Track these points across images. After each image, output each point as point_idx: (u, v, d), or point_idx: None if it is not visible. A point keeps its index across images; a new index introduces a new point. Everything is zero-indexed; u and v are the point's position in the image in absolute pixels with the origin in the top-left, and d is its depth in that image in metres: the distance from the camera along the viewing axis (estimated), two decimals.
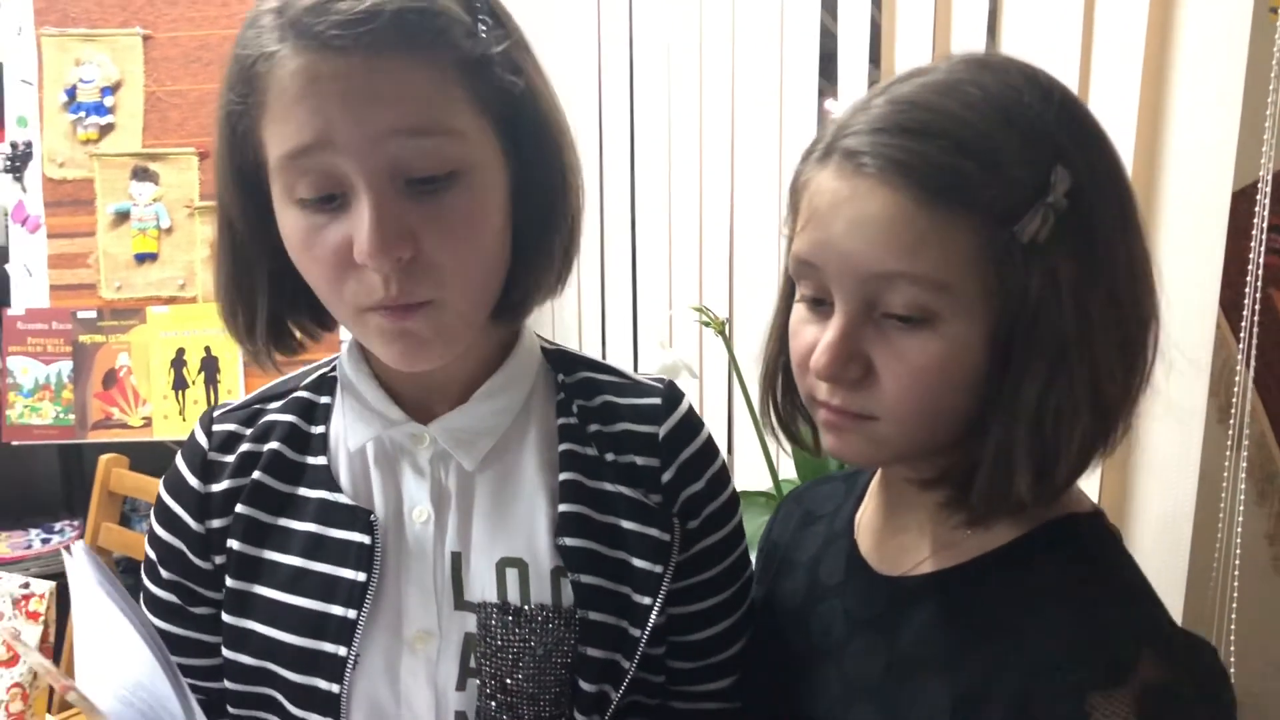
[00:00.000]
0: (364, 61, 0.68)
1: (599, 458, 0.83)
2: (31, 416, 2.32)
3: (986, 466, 0.72)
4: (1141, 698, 0.67)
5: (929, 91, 0.70)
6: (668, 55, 2.11)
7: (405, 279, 0.72)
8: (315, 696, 0.80)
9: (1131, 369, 0.73)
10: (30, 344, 2.32)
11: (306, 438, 0.85)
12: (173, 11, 2.31)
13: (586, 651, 0.80)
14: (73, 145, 2.32)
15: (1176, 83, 1.31)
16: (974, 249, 0.68)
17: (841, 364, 0.72)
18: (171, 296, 2.32)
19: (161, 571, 0.86)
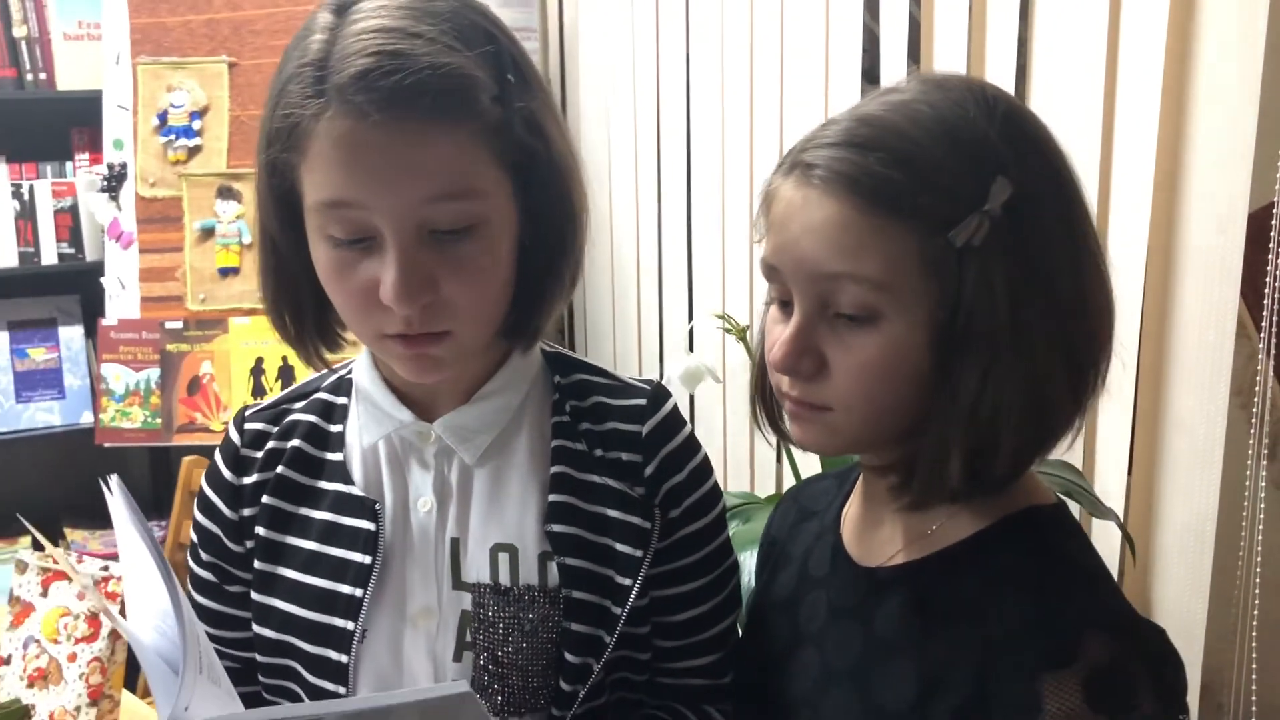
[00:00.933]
0: (401, 135, 0.75)
1: (588, 453, 0.90)
2: (122, 420, 2.47)
3: (924, 457, 0.77)
4: (1089, 677, 0.71)
5: (884, 109, 0.76)
6: (711, 68, 2.19)
7: (425, 315, 0.80)
8: (328, 666, 0.88)
9: (1077, 369, 0.77)
10: (122, 352, 2.48)
11: (326, 435, 0.93)
12: (256, 41, 2.45)
13: (571, 626, 0.86)
14: (163, 166, 2.48)
15: (1195, 105, 1.34)
16: (912, 253, 0.73)
17: (796, 358, 0.78)
18: (252, 308, 2.46)
19: (202, 554, 0.96)
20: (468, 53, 0.77)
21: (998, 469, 0.76)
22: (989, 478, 0.77)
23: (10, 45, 2.66)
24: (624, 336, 2.57)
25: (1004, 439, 0.75)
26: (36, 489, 2.93)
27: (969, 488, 0.77)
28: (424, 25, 0.77)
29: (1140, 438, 1.44)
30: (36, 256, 2.69)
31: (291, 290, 0.87)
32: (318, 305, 0.86)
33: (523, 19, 2.78)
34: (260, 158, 0.82)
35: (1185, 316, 1.38)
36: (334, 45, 0.77)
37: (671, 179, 2.37)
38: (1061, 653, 0.72)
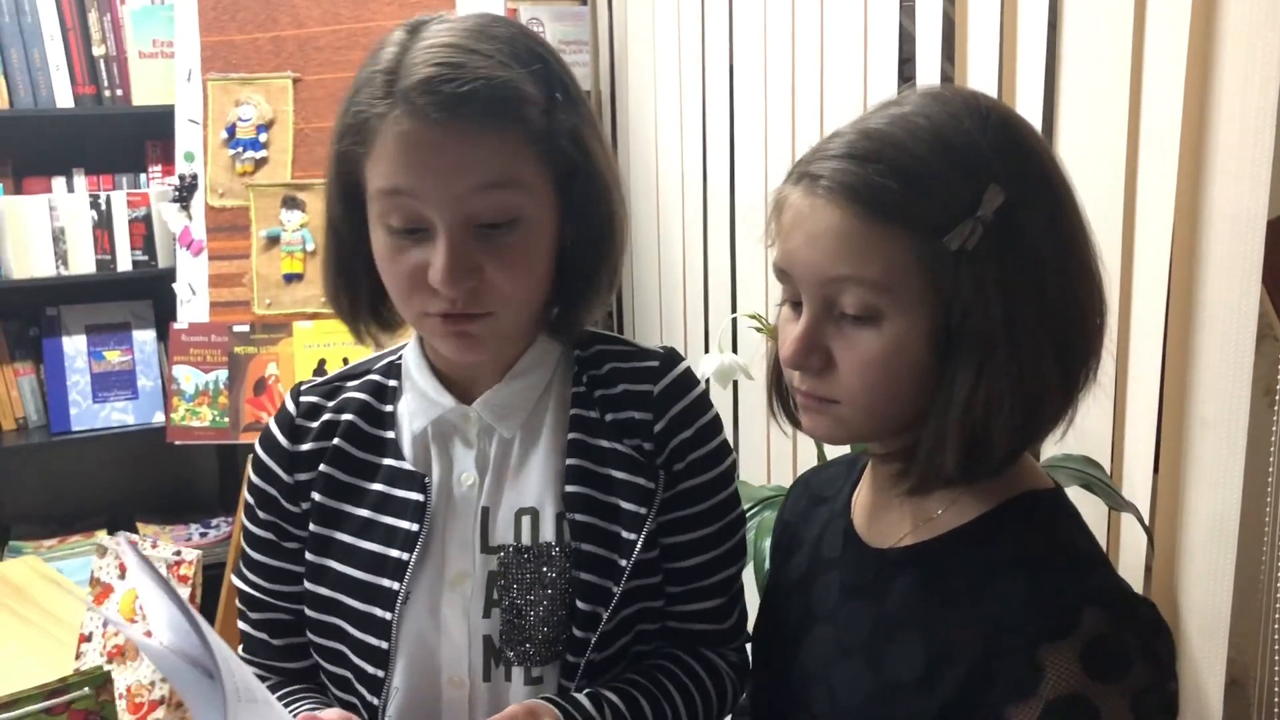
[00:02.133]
0: (455, 134, 0.85)
1: (600, 419, 0.98)
2: (192, 419, 2.59)
3: (923, 446, 0.83)
4: (1085, 648, 0.76)
5: (885, 122, 0.82)
6: (754, 73, 2.25)
7: (468, 297, 0.89)
8: (373, 622, 0.96)
9: (1068, 364, 0.82)
10: (192, 354, 2.59)
11: (379, 414, 1.02)
12: (319, 57, 2.56)
13: (580, 576, 0.94)
14: (231, 177, 2.59)
15: (1217, 111, 1.37)
16: (910, 257, 0.79)
17: (804, 355, 0.84)
18: (315, 313, 2.57)
19: (259, 513, 1.03)
20: (519, 69, 0.88)
21: (992, 457, 0.82)
22: (984, 465, 0.82)
23: (90, 64, 2.80)
24: (670, 333, 2.65)
25: (997, 430, 0.80)
26: (111, 485, 3.06)
27: (965, 474, 0.82)
28: (483, 44, 0.88)
29: (1166, 436, 1.48)
30: (113, 263, 2.82)
31: (350, 274, 0.97)
32: (373, 288, 0.96)
33: (574, 32, 2.87)
34: (331, 150, 0.93)
35: (1208, 317, 1.42)
36: (404, 57, 0.88)
37: (716, 185, 2.44)
38: (1061, 626, 0.77)
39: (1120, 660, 0.77)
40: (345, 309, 0.99)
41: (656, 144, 2.64)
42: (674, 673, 1.00)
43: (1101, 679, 0.76)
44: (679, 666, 1.01)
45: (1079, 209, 0.84)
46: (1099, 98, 1.52)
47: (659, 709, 0.97)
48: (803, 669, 0.94)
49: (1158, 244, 1.46)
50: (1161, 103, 1.43)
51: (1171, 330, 1.46)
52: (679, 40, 2.52)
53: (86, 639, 1.53)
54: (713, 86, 2.43)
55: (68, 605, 1.85)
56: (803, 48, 2.12)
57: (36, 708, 1.08)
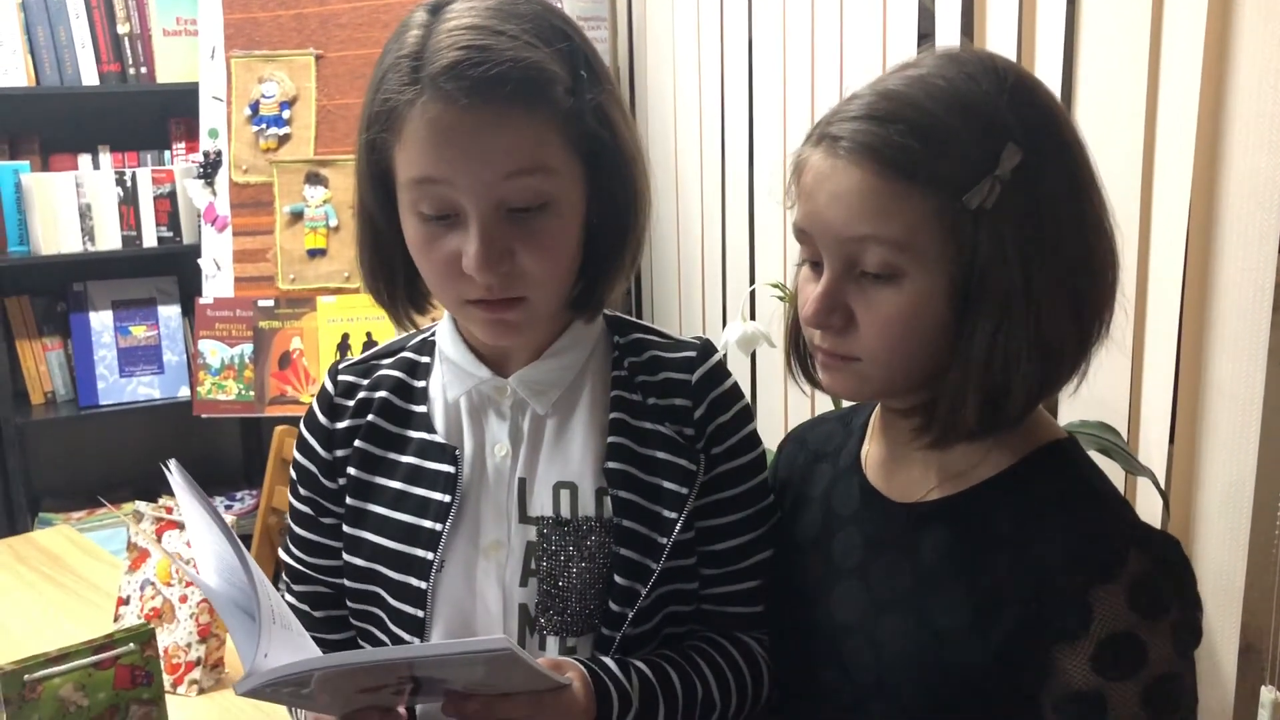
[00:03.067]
0: (484, 118, 0.85)
1: (643, 402, 0.99)
2: (218, 393, 2.63)
3: (944, 400, 0.85)
4: (1131, 588, 0.80)
5: (903, 84, 0.84)
6: (773, 46, 2.27)
7: (503, 283, 0.89)
8: (409, 591, 0.98)
9: (1083, 319, 0.84)
10: (218, 329, 2.64)
11: (411, 390, 1.03)
12: (341, 34, 2.59)
13: (621, 552, 0.96)
14: (255, 153, 2.63)
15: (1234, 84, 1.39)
16: (930, 215, 0.80)
17: (826, 313, 0.86)
18: (338, 287, 2.60)
19: (300, 489, 1.06)
20: (545, 49, 0.88)
21: (1011, 410, 0.84)
22: (1003, 417, 0.85)
23: (114, 42, 2.83)
24: (689, 304, 2.68)
25: (1015, 384, 0.83)
26: (137, 457, 3.11)
27: (984, 427, 0.85)
28: (508, 25, 0.88)
29: (1183, 404, 1.50)
30: (138, 240, 2.86)
31: (386, 260, 0.98)
32: (408, 274, 0.97)
33: (593, 9, 2.88)
34: (360, 138, 0.93)
35: (1225, 287, 1.43)
36: (428, 40, 0.88)
37: (734, 154, 2.46)
38: (1109, 568, 0.80)
39: (1161, 597, 0.81)
40: (384, 295, 1.00)
41: (675, 119, 2.66)
42: (707, 652, 1.01)
43: (1147, 616, 0.80)
44: (713, 647, 1.02)
45: (1093, 167, 0.86)
46: (1117, 72, 1.54)
47: (689, 683, 0.97)
48: (831, 623, 0.96)
49: (1175, 214, 1.48)
50: (1179, 76, 1.45)
51: (1188, 299, 1.48)
52: (698, 16, 2.53)
53: (124, 602, 1.57)
54: (731, 63, 2.45)
55: (102, 572, 1.89)
56: (822, 23, 2.14)
57: (85, 662, 1.12)
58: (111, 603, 1.61)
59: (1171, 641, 0.80)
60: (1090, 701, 0.81)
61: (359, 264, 1.01)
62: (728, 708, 0.99)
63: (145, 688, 1.15)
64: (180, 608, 1.51)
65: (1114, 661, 0.80)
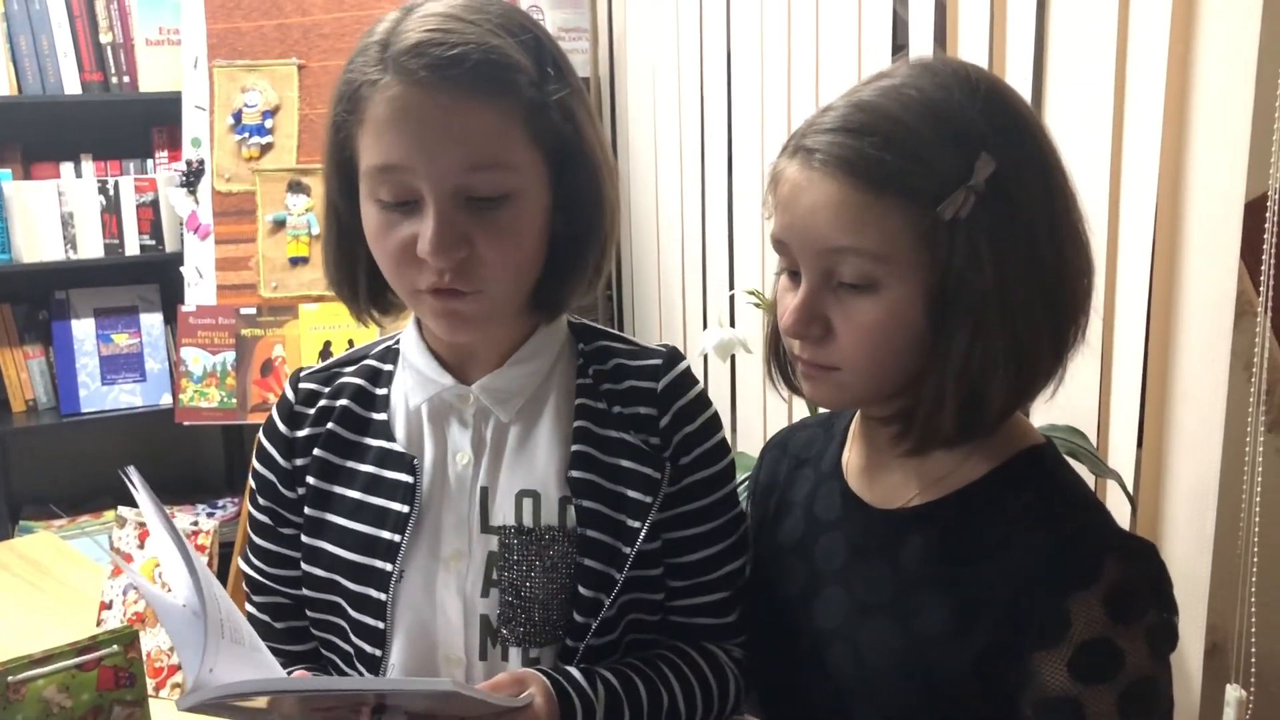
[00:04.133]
0: (446, 100, 0.85)
1: (607, 410, 0.99)
2: (200, 400, 2.64)
3: (922, 407, 0.85)
4: (1108, 594, 0.81)
5: (877, 94, 0.84)
6: (751, 57, 2.30)
7: (458, 273, 0.89)
8: (369, 603, 0.97)
9: (1058, 326, 0.85)
10: (200, 336, 2.65)
11: (372, 397, 1.02)
12: (324, 44, 2.61)
13: (585, 562, 0.95)
14: (238, 162, 2.64)
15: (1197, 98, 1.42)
16: (906, 226, 0.81)
17: (805, 324, 0.86)
18: (320, 295, 2.62)
19: (259, 499, 1.04)
20: (510, 39, 0.89)
21: (988, 415, 0.85)
22: (980, 423, 0.86)
23: (97, 50, 2.84)
24: (669, 311, 2.70)
25: (992, 390, 0.83)
26: (119, 465, 3.08)
27: (962, 433, 0.86)
28: (475, 15, 0.89)
29: (1150, 408, 1.53)
30: (120, 248, 2.86)
31: (348, 254, 0.97)
32: (371, 269, 0.96)
33: (573, 19, 2.91)
34: (327, 120, 0.94)
35: (1190, 295, 1.47)
36: (396, 27, 0.89)
37: (713, 164, 2.49)
38: (1086, 575, 0.82)
39: (1137, 602, 0.82)
40: (346, 290, 1.00)
41: (655, 128, 2.68)
42: (674, 662, 1.00)
43: (1123, 622, 0.81)
44: (680, 657, 1.01)
45: (1067, 175, 0.87)
46: (1086, 84, 1.57)
47: (655, 693, 0.96)
48: (814, 628, 0.96)
49: (1142, 225, 1.51)
50: (1145, 89, 1.48)
51: (1155, 307, 1.51)
52: (678, 28, 2.56)
53: (107, 606, 1.58)
54: (710, 73, 2.48)
55: (85, 579, 1.90)
56: (799, 34, 2.17)
57: (69, 663, 1.13)
58: (94, 608, 1.62)
59: (1147, 646, 0.82)
60: (1068, 706, 0.82)
61: (324, 259, 1.01)
62: (693, 716, 0.99)
63: (128, 689, 1.16)
64: None
65: (1091, 667, 0.81)
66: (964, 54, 1.78)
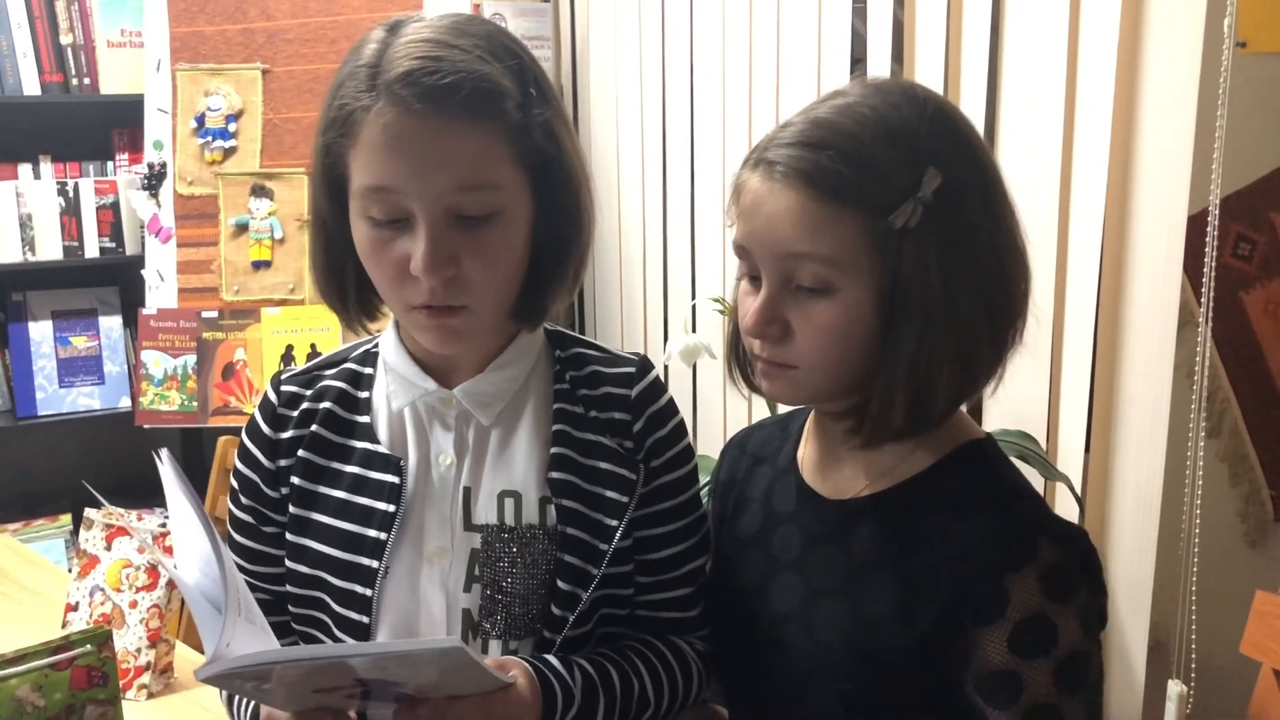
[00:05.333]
0: (436, 125, 0.88)
1: (584, 414, 1.03)
2: (161, 403, 2.64)
3: (874, 402, 0.92)
4: (1043, 573, 0.87)
5: (833, 112, 0.91)
6: (713, 67, 2.34)
7: (447, 289, 0.92)
8: (354, 598, 1.00)
9: (998, 328, 0.92)
10: (161, 339, 2.64)
11: (355, 400, 1.05)
12: (288, 49, 2.61)
13: (564, 558, 0.99)
14: (200, 166, 2.64)
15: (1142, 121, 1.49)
16: (860, 234, 0.87)
17: (765, 324, 0.92)
18: (283, 299, 2.62)
19: (241, 498, 1.06)
20: (497, 64, 0.92)
21: (934, 411, 0.92)
22: (927, 418, 0.92)
23: (57, 52, 2.82)
24: (631, 318, 2.74)
25: (937, 386, 0.90)
26: (77, 468, 3.08)
27: (911, 426, 0.92)
28: (462, 40, 0.92)
29: (1097, 414, 1.59)
30: (80, 250, 2.85)
31: (337, 265, 1.00)
32: (359, 278, 1.00)
33: (536, 28, 2.93)
34: (316, 143, 0.97)
35: (1135, 306, 1.53)
36: (386, 51, 0.92)
37: (676, 172, 2.53)
38: (1023, 556, 0.88)
39: (1070, 582, 0.89)
40: (336, 300, 1.03)
41: (618, 136, 2.72)
42: (644, 653, 1.04)
43: (1058, 599, 0.88)
44: (648, 648, 1.05)
45: (1006, 188, 0.94)
46: (1038, 104, 1.63)
47: (627, 681, 1.01)
48: (771, 613, 1.02)
49: (1090, 238, 1.57)
50: (1094, 110, 1.54)
51: (1102, 317, 1.57)
52: (640, 37, 2.60)
53: (73, 608, 1.59)
54: (673, 82, 2.52)
55: (46, 581, 1.90)
56: (760, 46, 2.22)
57: (42, 663, 1.14)
58: (57, 610, 1.62)
59: (1079, 623, 0.88)
60: (1007, 679, 0.88)
61: (311, 269, 1.04)
62: (660, 704, 1.04)
63: (101, 688, 1.18)
64: (130, 613, 1.53)
65: (1029, 642, 0.87)
66: (920, 69, 1.83)
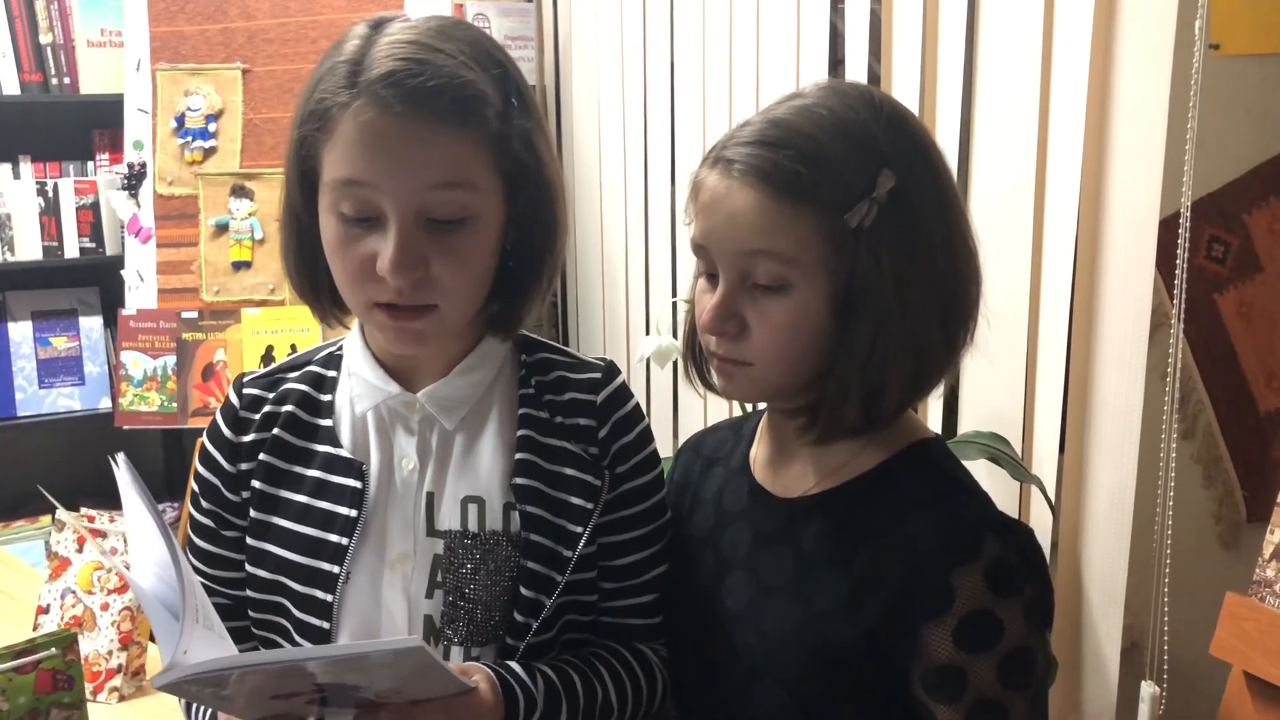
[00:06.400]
0: (415, 128, 0.88)
1: (550, 419, 1.02)
2: (140, 404, 2.63)
3: (827, 400, 0.93)
4: (987, 568, 0.88)
5: (791, 113, 0.91)
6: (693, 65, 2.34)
7: (413, 289, 0.92)
8: (314, 603, 0.99)
9: (950, 327, 0.93)
10: (140, 340, 2.63)
11: (317, 404, 1.04)
12: (269, 49, 2.61)
13: (528, 565, 0.99)
14: (180, 166, 2.63)
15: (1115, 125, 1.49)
16: (815, 232, 0.89)
17: (721, 321, 0.93)
18: (263, 300, 2.61)
19: (202, 502, 1.05)
20: (480, 72, 0.92)
21: (887, 408, 0.93)
22: (880, 415, 0.93)
23: (37, 51, 2.81)
24: (613, 317, 2.74)
25: (889, 384, 0.91)
26: (56, 470, 3.06)
27: (864, 423, 0.93)
28: (447, 44, 0.92)
29: (1071, 416, 1.59)
30: (59, 250, 2.84)
31: (310, 259, 1.00)
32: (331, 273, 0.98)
33: (520, 28, 2.93)
34: (292, 135, 0.96)
35: (1109, 308, 1.53)
36: (368, 49, 0.91)
37: (657, 172, 2.53)
38: (967, 551, 0.89)
39: (1015, 577, 0.90)
40: (309, 294, 1.02)
41: (600, 137, 2.72)
42: (607, 659, 1.04)
43: (1002, 595, 0.89)
44: (612, 655, 1.05)
45: (958, 193, 0.95)
46: (1012, 104, 1.63)
47: (590, 687, 1.00)
48: (725, 611, 1.02)
49: (1064, 240, 1.57)
50: (1067, 114, 1.54)
51: (1076, 319, 1.57)
52: (622, 37, 2.60)
53: (44, 611, 1.58)
54: (654, 81, 2.51)
55: (20, 583, 1.90)
56: (740, 45, 2.22)
57: (6, 667, 1.13)
58: (30, 613, 1.62)
59: (1023, 619, 0.89)
60: (953, 673, 0.89)
61: (284, 262, 1.03)
62: (624, 711, 1.03)
63: (66, 691, 1.17)
64: (101, 615, 1.53)
65: (974, 637, 0.88)
66: (897, 66, 1.83)
